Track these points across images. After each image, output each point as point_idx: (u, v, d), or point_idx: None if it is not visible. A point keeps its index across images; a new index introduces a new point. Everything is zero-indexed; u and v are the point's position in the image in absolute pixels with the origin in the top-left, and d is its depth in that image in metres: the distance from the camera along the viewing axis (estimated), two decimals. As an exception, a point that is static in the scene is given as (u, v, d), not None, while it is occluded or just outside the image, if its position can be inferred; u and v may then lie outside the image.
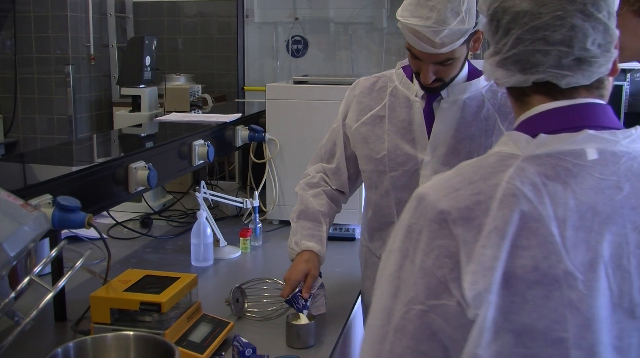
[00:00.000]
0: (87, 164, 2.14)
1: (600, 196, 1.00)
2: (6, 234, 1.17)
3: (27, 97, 5.36)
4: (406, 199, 2.02)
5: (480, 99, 1.96)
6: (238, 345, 1.72)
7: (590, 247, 0.99)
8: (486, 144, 1.93)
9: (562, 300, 0.97)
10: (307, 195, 2.22)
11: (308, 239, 2.13)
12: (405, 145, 2.01)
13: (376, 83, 2.11)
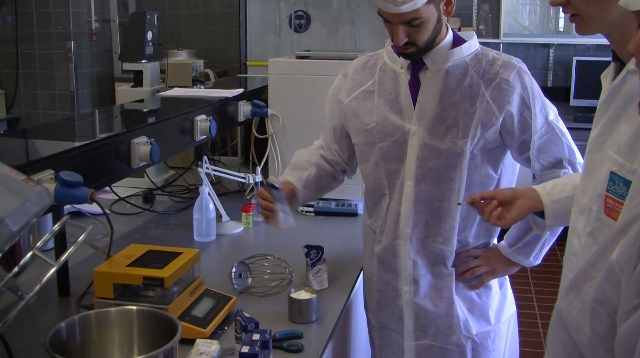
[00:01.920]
0: (90, 140, 2.14)
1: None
2: (9, 209, 1.17)
3: (29, 73, 5.35)
4: (395, 171, 2.09)
5: (464, 67, 1.98)
6: (241, 319, 1.73)
7: None
8: (470, 111, 1.96)
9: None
10: (301, 152, 2.32)
11: (289, 176, 2.20)
12: (393, 116, 2.05)
13: (368, 61, 2.17)
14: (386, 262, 2.14)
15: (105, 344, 1.59)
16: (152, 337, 1.56)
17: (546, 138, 1.99)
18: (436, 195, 2.03)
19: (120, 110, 3.12)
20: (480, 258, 2.11)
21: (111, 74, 5.56)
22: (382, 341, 2.25)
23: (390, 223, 2.10)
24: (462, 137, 1.97)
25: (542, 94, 2.02)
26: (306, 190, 2.19)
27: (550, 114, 2.00)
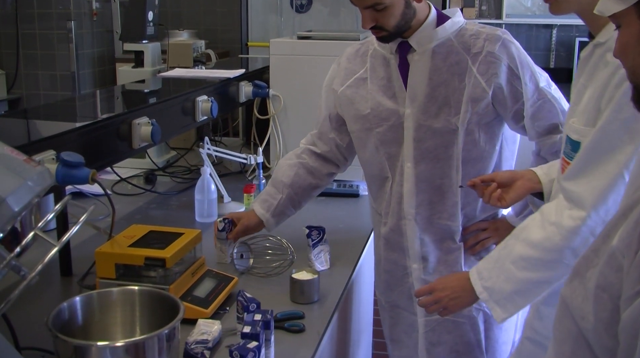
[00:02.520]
0: (91, 120, 2.13)
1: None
2: (10, 189, 1.17)
3: (30, 53, 5.33)
4: (395, 154, 2.11)
5: (450, 44, 2.00)
6: (242, 300, 1.73)
7: None
8: (460, 88, 1.99)
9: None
10: (282, 163, 2.37)
11: (259, 203, 2.29)
12: (387, 101, 2.08)
13: (359, 49, 2.19)
14: (393, 242, 2.17)
15: (107, 324, 1.59)
16: (154, 317, 1.56)
17: (538, 105, 1.99)
18: (436, 174, 2.05)
19: (121, 91, 3.11)
20: (489, 230, 2.13)
21: (112, 55, 5.54)
22: (393, 320, 2.28)
23: (394, 204, 2.12)
24: (455, 114, 1.99)
25: (530, 61, 2.02)
26: (277, 217, 2.29)
27: (541, 81, 2.00)
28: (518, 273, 1.68)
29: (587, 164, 1.57)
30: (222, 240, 2.21)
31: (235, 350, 1.46)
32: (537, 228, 1.67)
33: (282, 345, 1.72)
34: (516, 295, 1.70)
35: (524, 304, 1.75)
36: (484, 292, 1.74)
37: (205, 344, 1.64)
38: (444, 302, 1.81)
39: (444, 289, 1.83)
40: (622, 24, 1.05)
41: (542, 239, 1.64)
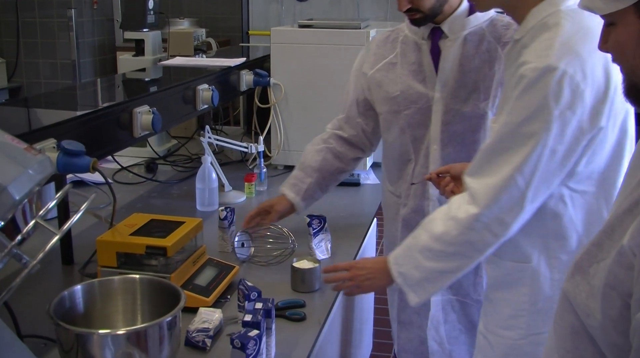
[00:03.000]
0: (92, 109, 2.13)
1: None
2: (11, 177, 1.17)
3: (30, 42, 5.32)
4: (420, 136, 2.17)
5: (481, 33, 2.09)
6: (243, 288, 1.74)
7: None
8: (490, 74, 2.07)
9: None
10: (310, 148, 2.41)
11: (289, 188, 2.34)
12: (417, 85, 2.15)
13: (389, 36, 2.27)
14: (413, 223, 2.13)
15: (108, 312, 1.60)
16: (155, 306, 1.56)
17: None
18: (462, 157, 2.07)
19: (122, 79, 3.10)
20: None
21: (112, 43, 5.53)
22: (404, 302, 2.30)
23: (418, 186, 2.19)
24: (484, 99, 2.06)
25: None
26: (306, 201, 2.34)
27: None
28: (425, 262, 1.74)
29: (484, 163, 1.64)
30: (223, 229, 2.21)
31: (237, 339, 1.46)
32: (440, 221, 1.72)
33: (283, 334, 1.72)
34: (425, 282, 1.77)
35: (434, 290, 1.81)
36: (399, 277, 1.80)
37: (207, 332, 1.65)
38: (359, 280, 1.87)
39: (362, 268, 1.89)
40: (617, 22, 1.04)
41: (442, 233, 1.70)
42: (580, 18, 1.57)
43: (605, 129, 1.57)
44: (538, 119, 1.53)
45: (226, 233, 2.21)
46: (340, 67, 2.99)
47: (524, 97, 1.55)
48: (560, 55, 1.51)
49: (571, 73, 1.50)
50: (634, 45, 1.02)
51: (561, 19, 1.58)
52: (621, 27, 1.04)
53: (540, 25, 1.62)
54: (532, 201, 1.60)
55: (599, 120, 1.55)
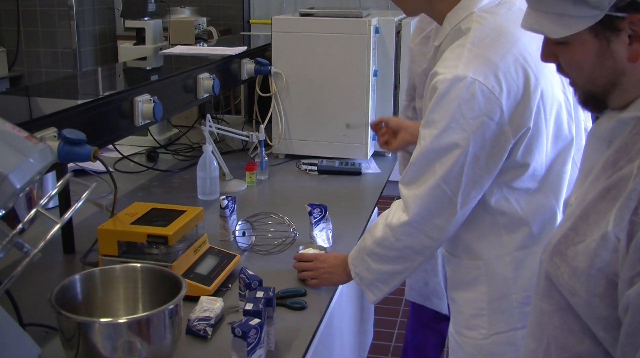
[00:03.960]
0: (93, 97, 2.13)
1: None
2: (12, 166, 1.17)
3: (31, 30, 5.31)
4: None
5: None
6: (244, 277, 1.74)
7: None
8: None
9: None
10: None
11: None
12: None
13: None
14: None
15: (110, 301, 1.60)
16: (157, 294, 1.57)
17: None
18: None
19: (123, 68, 3.10)
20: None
21: (113, 32, 5.51)
22: None
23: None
24: None
25: None
26: None
27: None
28: (373, 265, 1.81)
29: (413, 174, 1.68)
30: (224, 218, 2.22)
31: (238, 327, 1.46)
32: (380, 226, 1.78)
33: (284, 322, 1.73)
34: (377, 282, 1.83)
35: (387, 289, 1.84)
36: (356, 277, 1.87)
37: (208, 321, 1.65)
38: (318, 273, 1.93)
39: (323, 262, 1.95)
40: (571, 41, 1.09)
41: (382, 239, 1.76)
42: (493, 20, 1.60)
43: (537, 128, 1.59)
44: (455, 129, 1.56)
45: (227, 222, 2.21)
46: (342, 56, 2.99)
47: (438, 109, 1.58)
48: (469, 64, 1.53)
49: (481, 80, 1.52)
50: (592, 61, 1.08)
51: (473, 22, 1.60)
52: (577, 46, 1.08)
53: (455, 31, 1.65)
54: (464, 205, 1.64)
55: (524, 121, 1.57)
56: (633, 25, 1.03)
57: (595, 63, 1.08)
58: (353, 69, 2.98)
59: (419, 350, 2.79)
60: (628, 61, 1.05)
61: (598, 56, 1.07)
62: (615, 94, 1.10)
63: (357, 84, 2.97)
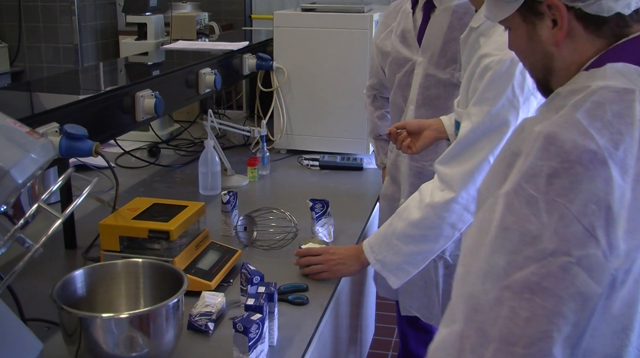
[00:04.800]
0: (94, 93, 2.12)
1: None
2: (13, 161, 1.17)
3: (32, 26, 5.30)
4: (408, 96, 2.31)
5: (468, 5, 2.13)
6: (246, 272, 1.74)
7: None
8: None
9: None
10: (374, 118, 2.68)
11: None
12: (404, 50, 2.33)
13: (398, 5, 2.46)
14: (392, 175, 2.45)
15: (111, 296, 1.60)
16: (158, 290, 1.57)
17: None
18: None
19: (125, 63, 3.10)
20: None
21: (115, 27, 5.50)
22: None
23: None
24: (459, 69, 2.12)
25: None
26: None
27: None
28: (404, 247, 1.87)
29: (457, 152, 1.79)
30: (226, 213, 2.21)
31: (239, 322, 1.46)
32: (415, 209, 1.86)
33: (286, 318, 1.73)
34: (406, 264, 1.90)
35: (415, 271, 1.92)
36: (377, 264, 1.92)
37: (209, 316, 1.65)
38: (329, 265, 1.95)
39: (333, 254, 1.98)
40: (511, 27, 1.17)
41: (421, 219, 1.84)
42: None
43: None
44: (506, 107, 1.69)
45: (229, 217, 2.21)
46: (343, 51, 2.98)
47: (491, 88, 1.69)
48: None
49: None
50: (525, 45, 1.14)
51: None
52: (514, 31, 1.16)
53: None
54: None
55: None
56: (552, 10, 1.07)
57: (527, 47, 1.14)
58: (355, 64, 2.98)
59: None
60: (553, 45, 1.09)
61: (528, 40, 1.13)
62: (554, 80, 1.13)
63: (359, 78, 2.97)
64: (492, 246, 0.98)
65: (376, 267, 1.92)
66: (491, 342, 0.95)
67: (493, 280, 0.96)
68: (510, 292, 0.94)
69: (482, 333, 0.96)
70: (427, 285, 2.46)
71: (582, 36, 1.07)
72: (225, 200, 2.20)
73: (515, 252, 0.95)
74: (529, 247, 0.94)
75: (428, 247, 1.88)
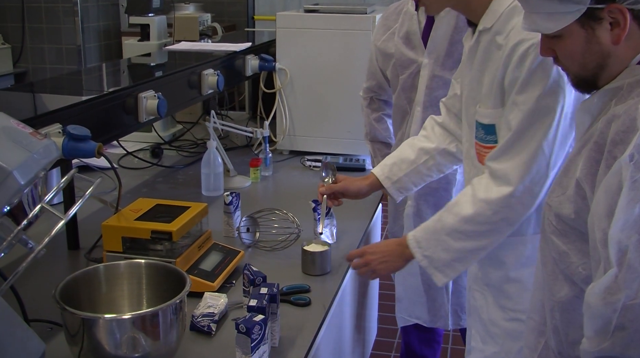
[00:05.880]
0: (97, 94, 2.13)
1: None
2: (16, 162, 1.17)
3: (35, 27, 5.31)
4: (413, 98, 2.34)
5: None
6: (248, 273, 1.74)
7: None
8: None
9: None
10: (372, 123, 2.66)
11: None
12: (409, 52, 2.34)
13: (398, 7, 2.47)
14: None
15: (114, 296, 1.60)
16: (161, 290, 1.57)
17: None
18: None
19: (127, 64, 3.10)
20: None
21: (118, 28, 5.51)
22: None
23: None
24: None
25: None
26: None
27: None
28: (455, 243, 1.80)
29: (509, 146, 1.72)
30: (228, 214, 2.22)
31: (242, 323, 1.46)
32: (467, 204, 1.79)
33: (288, 318, 1.73)
34: (455, 262, 1.82)
35: (463, 268, 1.87)
36: (424, 260, 1.85)
37: (212, 317, 1.65)
38: (373, 265, 1.92)
39: (374, 253, 1.93)
40: (563, 34, 1.26)
41: (474, 214, 1.77)
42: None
43: None
44: (552, 91, 1.64)
45: (231, 218, 2.22)
46: (346, 52, 2.98)
47: (537, 72, 1.63)
48: None
49: None
50: (582, 48, 1.25)
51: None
52: (568, 38, 1.26)
53: (509, 11, 1.70)
54: (553, 167, 1.70)
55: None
56: (612, 14, 1.19)
57: (585, 49, 1.25)
58: (357, 65, 2.98)
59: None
60: (612, 44, 1.22)
61: (586, 43, 1.24)
62: (604, 76, 1.27)
63: (362, 79, 2.96)
64: (627, 198, 1.10)
65: (423, 263, 1.85)
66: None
67: (632, 226, 1.10)
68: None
69: (633, 270, 1.08)
70: (431, 287, 2.46)
71: (636, 33, 1.21)
72: (228, 201, 2.20)
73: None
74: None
75: (480, 243, 1.80)
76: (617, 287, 1.10)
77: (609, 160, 1.15)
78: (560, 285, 1.31)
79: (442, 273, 1.84)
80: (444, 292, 2.48)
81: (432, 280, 2.42)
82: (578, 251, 1.28)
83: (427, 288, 2.50)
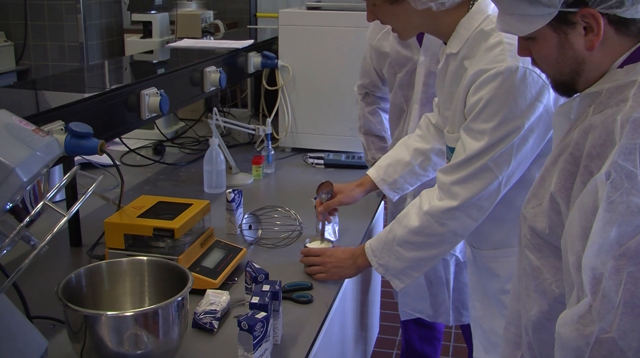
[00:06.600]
0: (99, 91, 2.13)
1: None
2: (19, 159, 1.17)
3: (38, 24, 5.31)
4: (410, 96, 2.35)
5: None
6: (251, 270, 1.74)
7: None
8: None
9: None
10: (368, 116, 2.68)
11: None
12: (404, 50, 2.35)
13: None
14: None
15: (116, 294, 1.60)
16: (163, 288, 1.57)
17: None
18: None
19: (130, 62, 3.10)
20: None
21: (120, 25, 5.51)
22: None
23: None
24: None
25: None
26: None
27: None
28: (406, 253, 1.86)
29: (462, 162, 1.75)
30: (230, 211, 2.22)
31: (244, 321, 1.46)
32: (415, 216, 1.85)
33: (290, 316, 1.73)
34: (409, 269, 1.89)
35: (419, 275, 1.93)
36: (380, 268, 1.92)
37: (214, 314, 1.65)
38: (327, 267, 1.95)
39: (330, 256, 1.98)
40: (536, 37, 1.23)
41: (421, 227, 1.83)
42: None
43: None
44: (511, 120, 1.65)
45: (234, 216, 2.22)
46: (348, 49, 2.98)
47: (493, 102, 1.65)
48: (515, 55, 1.56)
49: (530, 68, 1.61)
50: (555, 53, 1.22)
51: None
52: (541, 42, 1.23)
53: (476, 34, 1.72)
54: (506, 186, 1.73)
55: (558, 102, 1.65)
56: (585, 18, 1.15)
57: (558, 54, 1.22)
58: (360, 63, 2.97)
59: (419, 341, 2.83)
60: (586, 50, 1.18)
61: (559, 48, 1.21)
62: (581, 80, 1.23)
63: (364, 77, 2.97)
64: (602, 221, 1.05)
65: (379, 271, 1.92)
66: (616, 308, 1.03)
67: (607, 251, 1.04)
68: (625, 259, 1.03)
69: (607, 300, 1.03)
70: (433, 283, 2.47)
71: (613, 38, 1.16)
72: (230, 199, 2.20)
73: (624, 223, 1.04)
74: (637, 216, 1.04)
75: (431, 253, 1.86)
76: (591, 319, 1.04)
77: (584, 175, 1.12)
78: (532, 302, 1.28)
79: (399, 280, 1.91)
80: (445, 288, 2.49)
81: (432, 277, 2.46)
82: (552, 267, 1.24)
83: (429, 284, 2.50)
